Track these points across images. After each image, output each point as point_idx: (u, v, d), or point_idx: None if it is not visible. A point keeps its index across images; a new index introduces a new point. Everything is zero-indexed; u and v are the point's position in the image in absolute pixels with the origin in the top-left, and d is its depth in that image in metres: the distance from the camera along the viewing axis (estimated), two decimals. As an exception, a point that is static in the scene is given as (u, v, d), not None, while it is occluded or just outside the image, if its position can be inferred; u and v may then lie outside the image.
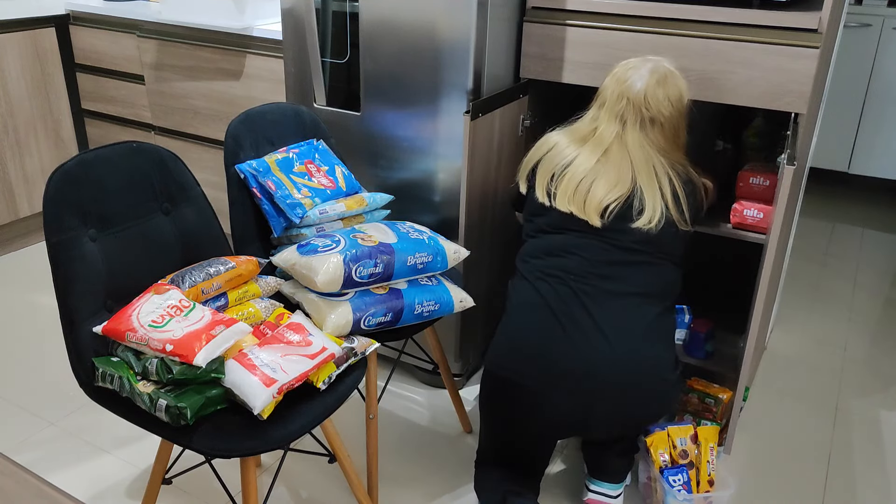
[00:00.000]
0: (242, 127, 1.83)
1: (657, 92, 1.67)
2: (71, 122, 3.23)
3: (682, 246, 1.72)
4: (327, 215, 1.80)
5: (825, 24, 1.75)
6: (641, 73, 1.68)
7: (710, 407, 2.09)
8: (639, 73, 1.68)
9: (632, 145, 1.68)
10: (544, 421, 1.68)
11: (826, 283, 3.12)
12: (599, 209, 1.65)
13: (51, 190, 1.42)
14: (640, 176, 1.66)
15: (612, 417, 1.65)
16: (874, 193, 4.11)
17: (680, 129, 1.74)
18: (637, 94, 1.67)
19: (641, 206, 1.64)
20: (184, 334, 1.35)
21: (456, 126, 2.02)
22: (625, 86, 1.68)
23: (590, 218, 1.65)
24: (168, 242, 1.61)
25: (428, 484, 1.98)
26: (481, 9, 1.91)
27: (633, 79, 1.68)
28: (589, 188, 1.66)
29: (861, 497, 1.98)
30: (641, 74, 1.68)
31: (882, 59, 3.74)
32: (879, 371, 2.53)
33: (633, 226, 1.64)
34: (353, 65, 2.20)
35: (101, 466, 2.00)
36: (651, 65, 1.70)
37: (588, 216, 1.65)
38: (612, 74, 1.73)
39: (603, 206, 1.65)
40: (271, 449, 1.35)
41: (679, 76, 1.72)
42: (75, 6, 3.03)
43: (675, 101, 1.70)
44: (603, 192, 1.65)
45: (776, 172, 1.95)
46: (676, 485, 1.82)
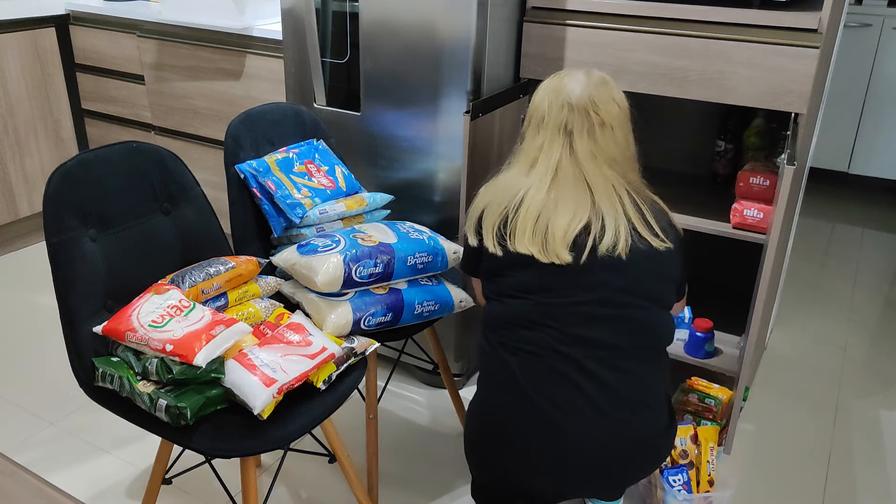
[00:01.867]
0: (242, 127, 1.83)
1: (600, 92, 1.47)
2: (71, 122, 3.23)
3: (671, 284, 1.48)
4: (327, 215, 1.80)
5: (825, 24, 1.75)
6: (578, 78, 1.48)
7: (710, 407, 2.09)
8: (575, 79, 1.48)
9: (583, 157, 1.46)
10: (528, 496, 1.55)
11: (826, 283, 3.12)
12: (566, 241, 1.41)
13: (51, 190, 1.42)
14: (597, 193, 1.44)
15: (603, 488, 1.53)
16: (874, 193, 4.10)
17: (629, 136, 1.51)
18: (580, 97, 1.46)
19: (602, 227, 1.42)
20: (184, 334, 1.35)
21: (456, 126, 2.02)
22: (563, 94, 1.47)
23: (557, 254, 1.41)
24: (168, 242, 1.61)
25: (428, 484, 1.98)
26: (481, 9, 1.91)
27: (570, 85, 1.47)
28: (547, 223, 1.43)
29: (861, 497, 1.98)
30: (578, 79, 1.48)
31: (882, 59, 3.74)
32: (879, 371, 2.53)
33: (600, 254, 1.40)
34: (353, 65, 2.20)
35: (101, 466, 2.00)
36: (583, 70, 1.51)
37: (555, 254, 1.41)
38: (541, 90, 1.52)
39: (570, 238, 1.41)
40: (271, 449, 1.35)
41: (614, 82, 1.53)
42: (75, 6, 3.03)
43: (621, 102, 1.49)
44: (566, 220, 1.42)
45: (776, 172, 1.95)
46: (676, 485, 1.82)
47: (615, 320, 1.42)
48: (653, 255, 1.43)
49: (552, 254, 1.42)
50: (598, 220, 1.42)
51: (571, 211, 1.43)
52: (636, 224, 1.43)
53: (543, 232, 1.43)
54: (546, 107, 1.49)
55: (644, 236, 1.43)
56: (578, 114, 1.46)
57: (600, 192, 1.44)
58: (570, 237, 1.42)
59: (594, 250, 1.41)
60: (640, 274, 1.43)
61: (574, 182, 1.45)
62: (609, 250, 1.41)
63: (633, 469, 1.50)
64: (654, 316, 1.46)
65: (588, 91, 1.46)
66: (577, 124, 1.46)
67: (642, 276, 1.43)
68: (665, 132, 2.42)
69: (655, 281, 1.45)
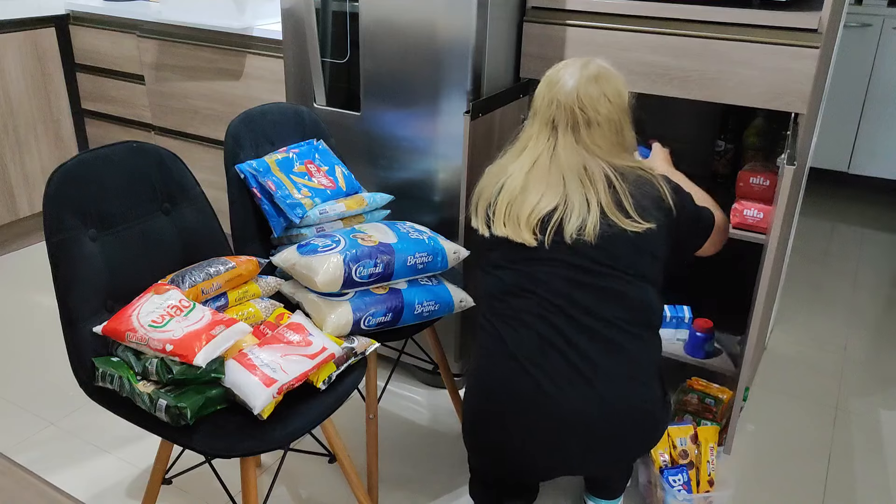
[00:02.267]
0: (242, 127, 1.83)
1: (591, 89, 1.49)
2: (71, 122, 3.23)
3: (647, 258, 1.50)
4: (327, 215, 1.80)
5: (825, 24, 1.75)
6: (572, 71, 1.51)
7: (710, 407, 2.09)
8: (569, 72, 1.52)
9: (562, 150, 1.51)
10: (527, 471, 1.58)
11: (826, 283, 3.12)
12: (530, 224, 1.48)
13: (51, 190, 1.42)
14: (569, 181, 1.49)
15: (597, 462, 1.54)
16: (874, 193, 4.10)
17: (624, 128, 1.54)
18: (568, 94, 1.50)
19: (570, 213, 1.47)
20: (184, 334, 1.35)
21: (456, 126, 2.02)
22: (556, 88, 1.52)
23: (523, 238, 1.49)
24: (168, 242, 1.61)
25: (428, 484, 1.98)
26: (481, 9, 1.91)
27: (563, 78, 1.52)
28: (520, 205, 1.50)
29: (861, 497, 1.98)
30: (572, 72, 1.51)
31: (882, 59, 3.74)
32: (879, 371, 2.53)
33: (567, 241, 1.46)
34: (353, 65, 2.20)
35: (101, 466, 2.00)
36: (582, 62, 1.54)
37: (521, 237, 1.49)
38: (545, 78, 1.57)
39: (534, 221, 1.48)
40: (271, 449, 1.35)
41: (615, 73, 1.55)
42: (75, 6, 3.03)
43: (614, 97, 1.51)
44: (531, 204, 1.49)
45: (776, 172, 1.95)
46: (676, 485, 1.82)
47: (598, 291, 1.47)
48: (627, 237, 1.47)
49: (518, 237, 1.50)
50: (567, 206, 1.48)
51: (538, 195, 1.50)
52: (607, 209, 1.47)
53: (517, 212, 1.51)
54: (540, 100, 1.55)
55: (615, 221, 1.46)
56: (564, 111, 1.50)
57: (572, 180, 1.49)
58: (532, 221, 1.49)
59: (560, 234, 1.47)
60: (616, 252, 1.47)
61: (549, 170, 1.51)
62: (576, 235, 1.46)
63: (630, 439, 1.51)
64: (639, 290, 1.49)
65: (577, 88, 1.50)
66: (561, 121, 1.51)
67: (619, 253, 1.47)
68: (665, 132, 2.42)
69: (634, 257, 1.48)
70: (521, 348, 1.49)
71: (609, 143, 1.52)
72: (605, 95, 1.50)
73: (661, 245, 1.52)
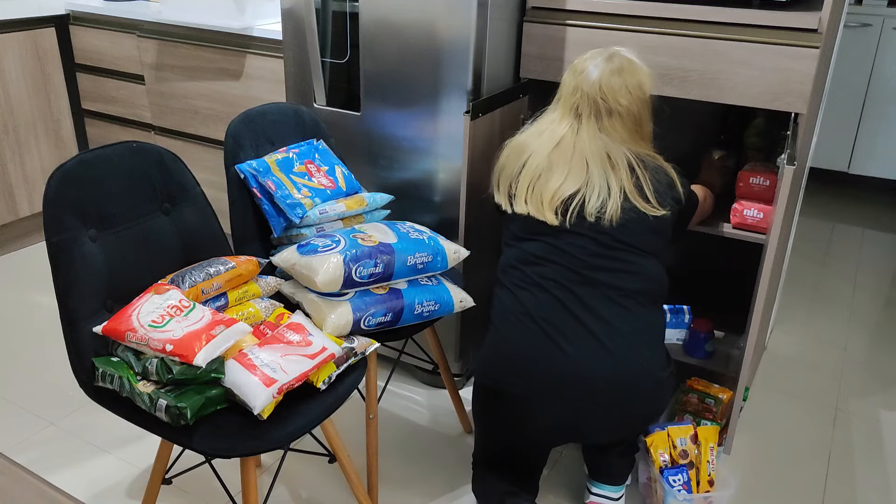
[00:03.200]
0: (242, 127, 1.83)
1: (613, 81, 1.59)
2: (71, 122, 3.23)
3: (662, 239, 1.63)
4: (327, 215, 1.80)
5: (825, 24, 1.75)
6: (597, 63, 1.61)
7: (710, 407, 2.09)
8: (594, 63, 1.61)
9: (585, 135, 1.60)
10: (537, 431, 1.66)
11: (826, 283, 3.12)
12: (553, 205, 1.58)
13: (51, 190, 1.42)
14: (592, 165, 1.58)
15: (606, 423, 1.62)
16: (874, 193, 4.10)
17: (643, 119, 1.64)
18: (592, 84, 1.59)
19: (591, 195, 1.57)
20: (184, 334, 1.35)
21: (456, 126, 2.02)
22: (580, 77, 1.61)
23: (545, 217, 1.58)
24: (168, 242, 1.61)
25: (428, 484, 1.98)
26: (481, 9, 1.91)
27: (588, 69, 1.61)
28: (543, 185, 1.60)
29: (861, 497, 1.98)
30: (597, 64, 1.61)
31: (882, 59, 3.74)
32: (879, 371, 2.53)
33: (589, 219, 1.56)
34: (353, 65, 2.20)
35: (101, 466, 2.00)
36: (608, 54, 1.63)
37: (544, 215, 1.59)
38: (571, 67, 1.66)
39: (557, 202, 1.58)
40: (271, 449, 1.35)
41: (640, 66, 1.64)
42: (75, 6, 3.03)
43: (635, 90, 1.61)
44: (554, 186, 1.58)
45: (776, 172, 1.95)
46: (676, 485, 1.82)
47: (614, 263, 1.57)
48: (644, 219, 1.58)
49: (540, 215, 1.59)
50: (588, 187, 1.57)
51: (562, 178, 1.59)
52: (630, 194, 1.58)
53: (540, 191, 1.60)
54: (565, 87, 1.65)
55: (636, 205, 1.58)
56: (588, 99, 1.60)
57: (595, 164, 1.59)
58: (556, 202, 1.58)
59: (582, 214, 1.57)
60: (634, 234, 1.58)
61: (573, 152, 1.60)
62: (597, 214, 1.56)
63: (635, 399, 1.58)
64: (651, 266, 1.61)
65: (601, 79, 1.60)
66: (585, 109, 1.61)
67: (637, 233, 1.58)
68: (664, 132, 2.42)
69: (650, 237, 1.60)
70: (539, 309, 1.58)
71: (629, 131, 1.62)
72: (626, 87, 1.60)
73: (670, 228, 1.64)
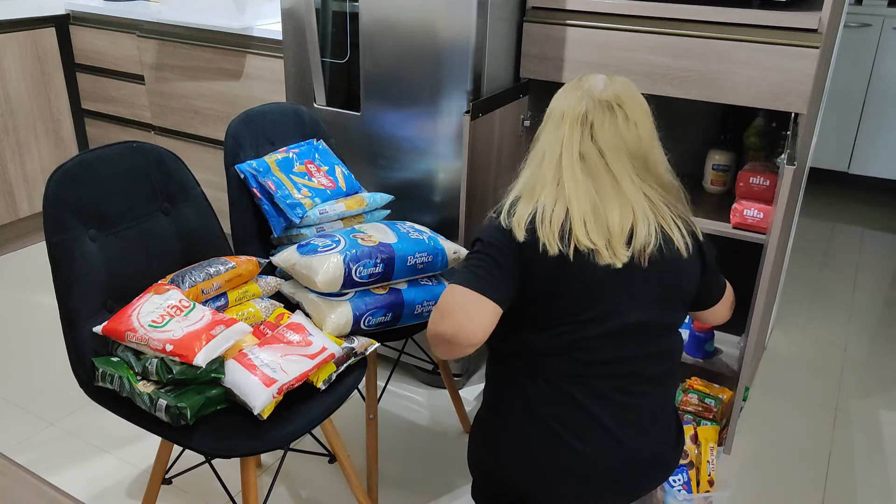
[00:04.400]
0: (242, 127, 1.83)
1: (626, 90, 1.38)
2: (71, 122, 3.23)
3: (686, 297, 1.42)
4: (327, 215, 1.80)
5: (825, 24, 1.75)
6: (599, 78, 1.40)
7: (710, 407, 2.09)
8: (596, 78, 1.40)
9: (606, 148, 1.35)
10: None
11: (826, 283, 3.12)
12: (623, 238, 1.32)
13: (51, 190, 1.42)
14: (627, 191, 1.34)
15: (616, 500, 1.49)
16: (874, 193, 4.10)
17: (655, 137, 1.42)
18: (603, 91, 1.36)
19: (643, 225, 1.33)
20: (184, 334, 1.35)
21: (456, 126, 2.02)
22: (584, 89, 1.38)
23: (616, 253, 1.31)
24: (168, 242, 1.61)
25: (428, 484, 1.98)
26: (481, 9, 1.91)
27: (591, 83, 1.39)
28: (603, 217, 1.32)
29: (861, 497, 1.98)
30: (600, 78, 1.40)
31: (882, 59, 3.74)
32: (879, 371, 2.53)
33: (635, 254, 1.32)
34: (353, 65, 2.20)
35: (101, 466, 2.00)
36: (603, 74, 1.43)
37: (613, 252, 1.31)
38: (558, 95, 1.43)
39: (626, 235, 1.32)
40: (271, 449, 1.35)
41: None
42: (75, 6, 3.03)
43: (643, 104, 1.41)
44: (617, 216, 1.32)
45: (776, 172, 1.95)
46: (676, 485, 1.82)
47: (640, 347, 1.37)
48: (678, 262, 1.36)
49: (612, 251, 1.31)
50: (644, 221, 1.34)
51: (618, 206, 1.33)
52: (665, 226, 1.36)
53: (604, 226, 1.32)
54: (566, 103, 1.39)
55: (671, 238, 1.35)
56: (600, 105, 1.36)
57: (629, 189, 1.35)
58: (626, 233, 1.32)
59: (634, 251, 1.33)
60: (665, 290, 1.36)
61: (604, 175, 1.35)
62: (642, 251, 1.33)
63: (639, 486, 1.48)
64: (675, 341, 1.43)
65: (612, 87, 1.38)
66: (597, 115, 1.35)
67: (668, 291, 1.37)
68: (664, 132, 2.42)
69: (678, 297, 1.40)
70: (547, 406, 1.38)
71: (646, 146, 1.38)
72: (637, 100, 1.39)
73: (694, 280, 1.41)
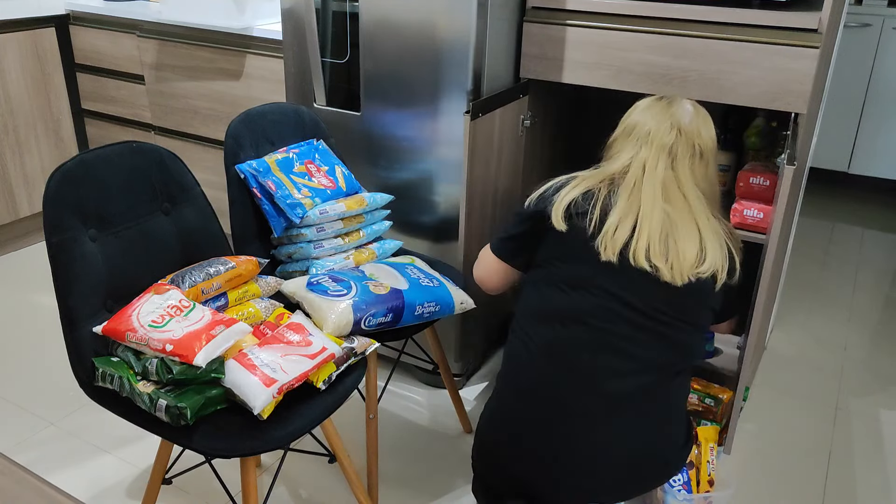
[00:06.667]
0: (242, 127, 1.83)
1: (706, 125, 1.54)
2: (71, 122, 3.23)
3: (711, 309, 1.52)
4: (327, 215, 1.80)
5: (825, 24, 1.75)
6: (686, 108, 1.54)
7: (710, 407, 2.09)
8: (683, 107, 1.54)
9: (684, 180, 1.50)
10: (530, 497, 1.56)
11: (826, 283, 3.12)
12: (693, 270, 1.44)
13: (51, 190, 1.42)
14: (701, 224, 1.47)
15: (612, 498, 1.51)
16: (874, 193, 4.10)
17: (716, 173, 1.59)
18: (690, 124, 1.51)
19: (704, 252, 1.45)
20: (184, 334, 1.35)
21: (456, 126, 2.02)
22: (674, 118, 1.52)
23: (682, 275, 1.43)
24: (168, 242, 1.61)
25: (428, 484, 1.98)
26: (481, 9, 1.91)
27: (679, 111, 1.53)
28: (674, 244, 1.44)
29: (861, 497, 1.98)
30: (686, 109, 1.54)
31: (882, 59, 3.74)
32: (879, 371, 2.53)
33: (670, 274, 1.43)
34: (353, 65, 2.20)
35: (101, 466, 2.00)
36: (688, 101, 1.57)
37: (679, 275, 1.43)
38: (646, 108, 1.56)
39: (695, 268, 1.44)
40: (271, 449, 1.35)
41: None
42: (75, 6, 3.03)
43: (714, 139, 1.55)
44: (694, 248, 1.44)
45: (776, 172, 1.95)
46: (676, 485, 1.82)
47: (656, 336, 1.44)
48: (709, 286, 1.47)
49: (677, 274, 1.43)
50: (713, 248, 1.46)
51: (696, 238, 1.46)
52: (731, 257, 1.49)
53: (672, 251, 1.44)
54: (654, 124, 1.52)
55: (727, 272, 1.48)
56: (686, 139, 1.50)
57: (704, 223, 1.48)
58: (696, 266, 1.44)
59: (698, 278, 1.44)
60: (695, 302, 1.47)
61: (683, 206, 1.48)
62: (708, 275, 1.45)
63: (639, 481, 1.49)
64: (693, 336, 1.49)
65: (697, 121, 1.52)
66: (681, 149, 1.51)
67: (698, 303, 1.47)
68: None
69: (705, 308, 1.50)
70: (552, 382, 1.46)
71: (710, 183, 1.55)
72: (711, 135, 1.54)
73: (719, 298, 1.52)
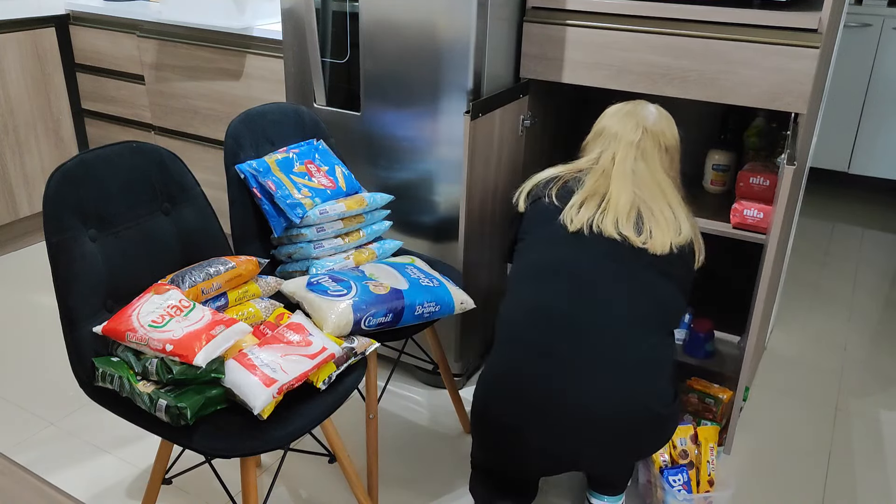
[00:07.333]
0: (242, 127, 1.83)
1: (669, 125, 1.76)
2: (71, 122, 3.23)
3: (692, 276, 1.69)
4: (327, 215, 1.80)
5: (825, 24, 1.75)
6: (650, 110, 1.76)
7: (710, 407, 2.09)
8: (647, 110, 1.76)
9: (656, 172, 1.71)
10: (532, 462, 1.61)
11: (826, 283, 3.12)
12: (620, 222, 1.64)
13: (51, 190, 1.42)
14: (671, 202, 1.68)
15: (603, 457, 1.57)
16: (874, 193, 4.10)
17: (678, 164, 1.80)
18: (654, 123, 1.73)
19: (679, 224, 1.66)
20: (184, 334, 1.35)
21: (456, 126, 2.02)
22: (639, 117, 1.74)
23: (605, 229, 1.63)
24: (168, 242, 1.61)
25: (428, 484, 1.98)
26: (481, 9, 1.91)
27: (643, 113, 1.75)
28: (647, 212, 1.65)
29: (861, 497, 1.98)
30: (650, 111, 1.75)
31: (882, 59, 3.74)
32: (879, 371, 2.53)
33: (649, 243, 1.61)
34: (353, 65, 2.20)
35: (101, 466, 2.00)
36: (652, 105, 1.79)
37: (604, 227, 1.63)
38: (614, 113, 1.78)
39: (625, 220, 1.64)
40: (271, 449, 1.35)
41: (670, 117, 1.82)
42: (75, 6, 3.03)
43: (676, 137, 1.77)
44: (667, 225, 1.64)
45: (776, 172, 1.95)
46: (676, 485, 1.82)
47: (635, 285, 1.59)
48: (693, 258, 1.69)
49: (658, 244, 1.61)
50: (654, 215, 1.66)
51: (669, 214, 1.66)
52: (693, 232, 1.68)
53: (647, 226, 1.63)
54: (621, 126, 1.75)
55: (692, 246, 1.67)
56: (652, 136, 1.73)
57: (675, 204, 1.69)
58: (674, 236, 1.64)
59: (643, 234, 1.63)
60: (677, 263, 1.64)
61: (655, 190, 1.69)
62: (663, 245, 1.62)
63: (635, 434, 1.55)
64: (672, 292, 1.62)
65: (661, 122, 1.75)
66: (649, 144, 1.73)
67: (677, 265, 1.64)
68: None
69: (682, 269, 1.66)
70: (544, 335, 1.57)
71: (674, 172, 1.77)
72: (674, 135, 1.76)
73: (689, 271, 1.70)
